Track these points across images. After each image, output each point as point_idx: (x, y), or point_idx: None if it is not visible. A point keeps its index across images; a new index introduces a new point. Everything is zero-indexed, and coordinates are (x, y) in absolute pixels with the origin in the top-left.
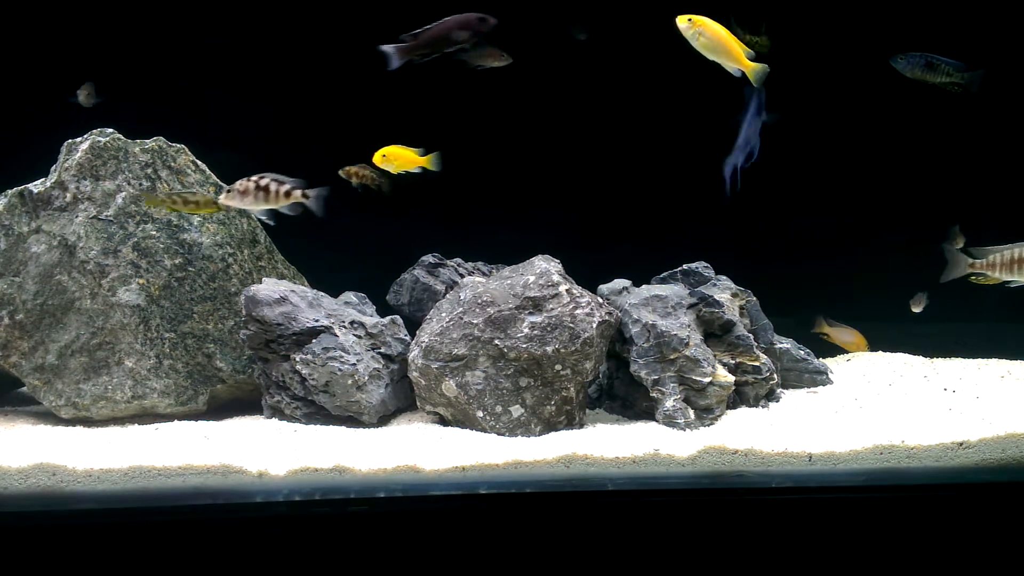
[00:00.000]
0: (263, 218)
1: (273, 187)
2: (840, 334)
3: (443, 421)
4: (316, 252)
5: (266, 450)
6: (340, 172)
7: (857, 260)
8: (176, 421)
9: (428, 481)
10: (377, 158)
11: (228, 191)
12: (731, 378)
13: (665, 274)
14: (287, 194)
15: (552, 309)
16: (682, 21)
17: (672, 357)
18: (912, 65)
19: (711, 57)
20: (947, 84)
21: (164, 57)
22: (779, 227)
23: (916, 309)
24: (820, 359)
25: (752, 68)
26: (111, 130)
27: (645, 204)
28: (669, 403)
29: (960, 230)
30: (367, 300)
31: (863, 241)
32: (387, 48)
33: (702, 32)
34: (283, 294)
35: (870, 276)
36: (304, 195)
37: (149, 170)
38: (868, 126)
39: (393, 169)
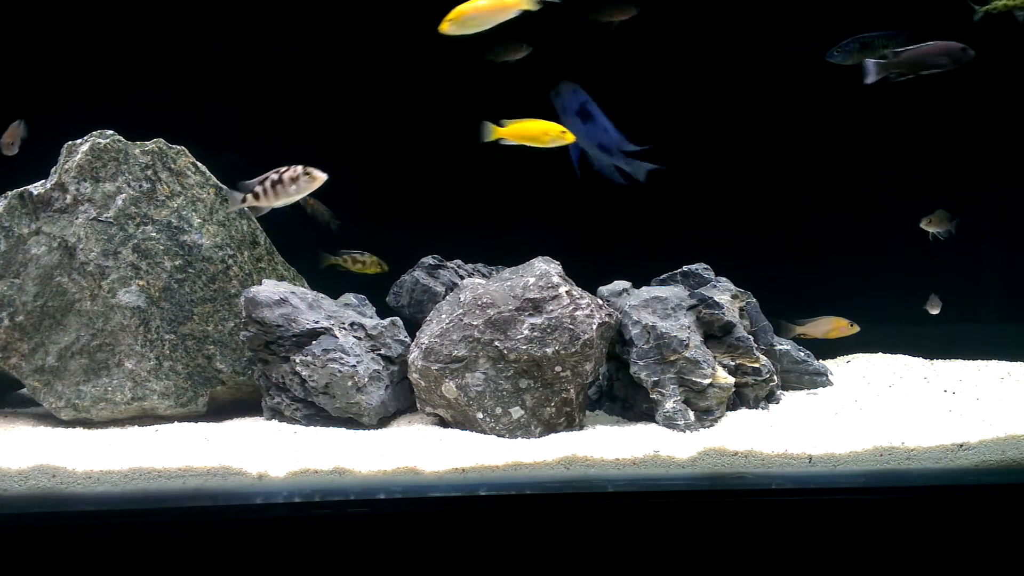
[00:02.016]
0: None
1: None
2: (815, 328)
3: (443, 423)
4: (316, 253)
5: (266, 451)
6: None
7: (857, 261)
8: (176, 422)
9: (428, 483)
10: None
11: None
12: (731, 380)
13: (665, 276)
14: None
15: (552, 311)
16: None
17: (672, 359)
18: (848, 53)
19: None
20: (885, 56)
21: (164, 58)
22: (779, 228)
23: (933, 311)
24: (820, 360)
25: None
26: (111, 132)
27: (645, 205)
28: (669, 404)
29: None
30: (367, 302)
31: (863, 242)
32: (869, 62)
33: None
34: (283, 296)
35: (870, 277)
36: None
37: (149, 172)
38: (867, 126)
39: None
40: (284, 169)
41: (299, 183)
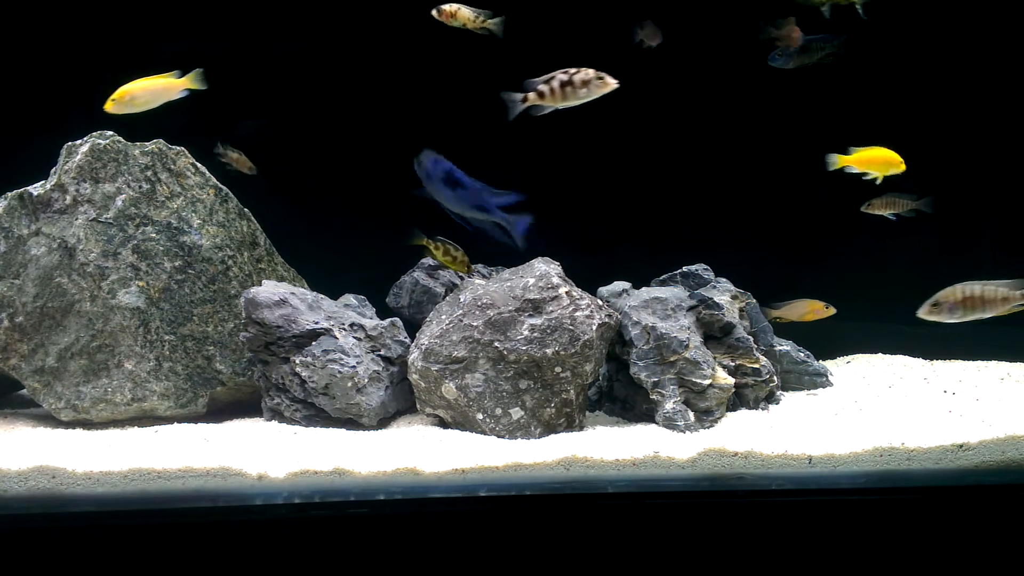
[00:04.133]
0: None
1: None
2: (790, 311)
3: (443, 423)
4: (316, 254)
5: (266, 452)
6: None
7: (857, 261)
8: (176, 423)
9: (428, 483)
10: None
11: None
12: (731, 380)
13: (665, 276)
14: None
15: (552, 311)
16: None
17: (672, 359)
18: (790, 56)
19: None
20: (824, 58)
21: (163, 59)
22: (779, 229)
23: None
24: (820, 361)
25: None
26: (111, 132)
27: (645, 206)
28: (669, 405)
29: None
30: (367, 302)
31: (863, 242)
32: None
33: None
34: (283, 296)
35: (870, 277)
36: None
37: (149, 172)
38: (867, 126)
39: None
40: (574, 71)
41: (590, 86)
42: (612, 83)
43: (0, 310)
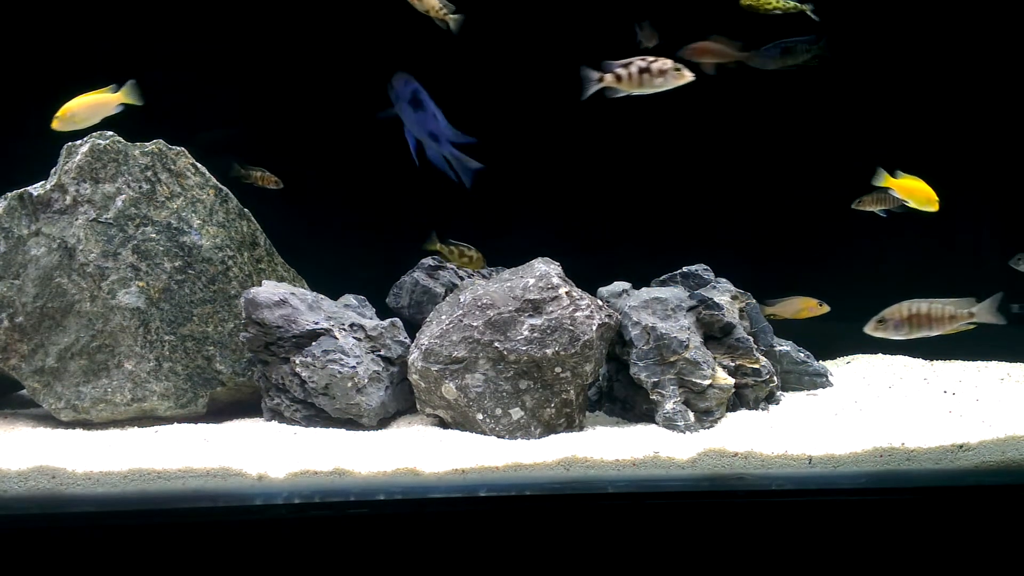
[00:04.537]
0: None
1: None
2: (784, 308)
3: (443, 424)
4: (316, 255)
5: (266, 452)
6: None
7: (857, 262)
8: (176, 424)
9: (428, 484)
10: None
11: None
12: (731, 380)
13: (665, 276)
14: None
15: (552, 312)
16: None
17: (672, 359)
18: (770, 58)
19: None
20: (809, 61)
21: (164, 60)
22: (779, 230)
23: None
24: (820, 361)
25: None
26: (111, 133)
27: (645, 206)
28: (669, 405)
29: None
30: (367, 303)
31: (863, 243)
32: None
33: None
34: (283, 297)
35: (870, 277)
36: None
37: (149, 173)
38: (866, 125)
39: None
40: (652, 59)
41: (666, 76)
42: (688, 75)
43: (0, 310)
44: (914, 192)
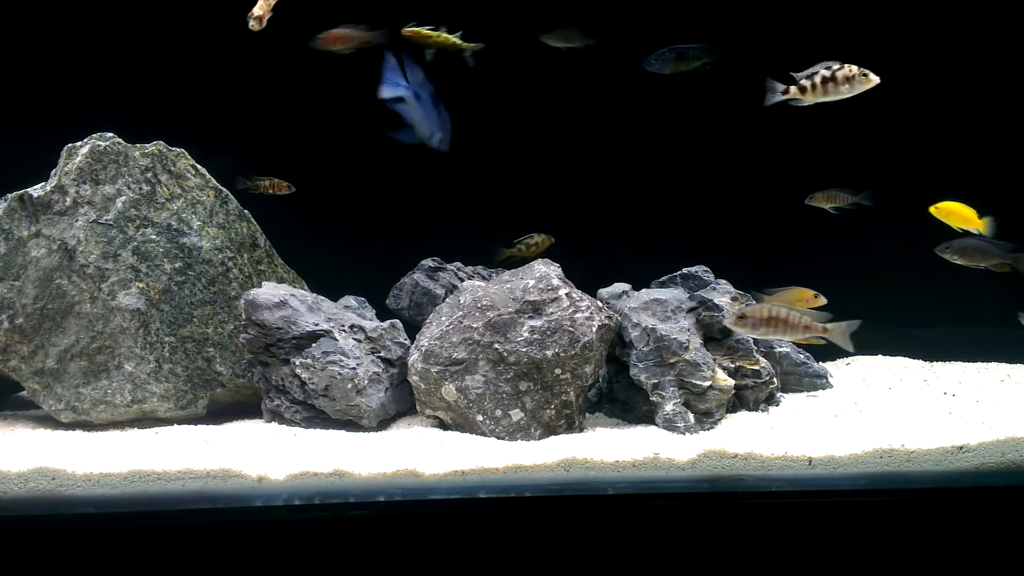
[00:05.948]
0: None
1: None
2: (780, 299)
3: (443, 425)
4: (316, 256)
5: (266, 454)
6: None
7: (857, 262)
8: (176, 425)
9: (428, 485)
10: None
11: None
12: (731, 382)
13: (665, 278)
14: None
15: (552, 313)
16: None
17: (672, 361)
18: (665, 62)
19: None
20: (701, 67)
21: (163, 61)
22: (779, 231)
23: None
24: (820, 363)
25: None
26: (111, 134)
27: (645, 208)
28: (669, 407)
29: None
30: (367, 304)
31: (863, 243)
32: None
33: None
34: (283, 298)
35: (870, 279)
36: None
37: (149, 174)
38: (866, 125)
39: (952, 223)
40: (837, 66)
41: (853, 82)
42: (875, 79)
43: (0, 312)
44: (952, 214)
